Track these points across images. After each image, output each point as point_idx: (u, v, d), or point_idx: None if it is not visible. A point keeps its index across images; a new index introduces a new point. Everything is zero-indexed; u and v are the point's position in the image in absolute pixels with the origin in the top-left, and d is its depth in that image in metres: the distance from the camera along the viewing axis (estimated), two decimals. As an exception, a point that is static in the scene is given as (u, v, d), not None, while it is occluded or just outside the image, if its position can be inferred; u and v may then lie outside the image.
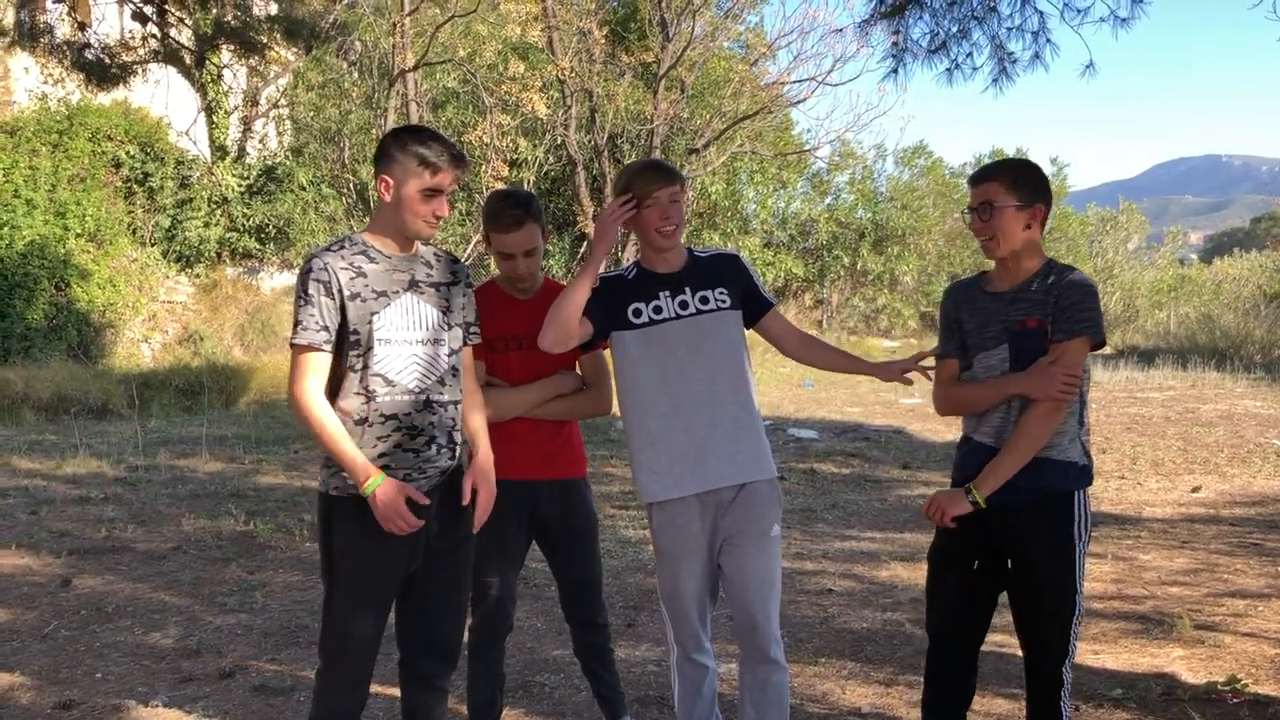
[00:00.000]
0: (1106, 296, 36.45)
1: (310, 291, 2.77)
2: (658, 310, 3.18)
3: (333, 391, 2.83)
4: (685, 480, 3.14)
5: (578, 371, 3.45)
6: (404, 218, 2.85)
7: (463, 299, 3.02)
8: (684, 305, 3.18)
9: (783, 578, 3.25)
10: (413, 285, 2.89)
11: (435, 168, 2.81)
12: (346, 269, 2.80)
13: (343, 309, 2.79)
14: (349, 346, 2.82)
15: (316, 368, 2.79)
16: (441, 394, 2.90)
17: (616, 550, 6.52)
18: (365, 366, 2.81)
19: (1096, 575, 5.96)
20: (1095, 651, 4.64)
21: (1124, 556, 6.40)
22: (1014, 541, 3.05)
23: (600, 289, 3.20)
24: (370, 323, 2.80)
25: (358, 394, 2.82)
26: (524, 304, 3.39)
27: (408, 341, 2.85)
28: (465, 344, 3.02)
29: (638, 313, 3.18)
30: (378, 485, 2.73)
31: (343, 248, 2.86)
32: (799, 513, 7.69)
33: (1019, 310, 3.01)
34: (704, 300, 3.18)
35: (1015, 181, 3.03)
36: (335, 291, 2.78)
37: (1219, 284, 34.07)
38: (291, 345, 2.80)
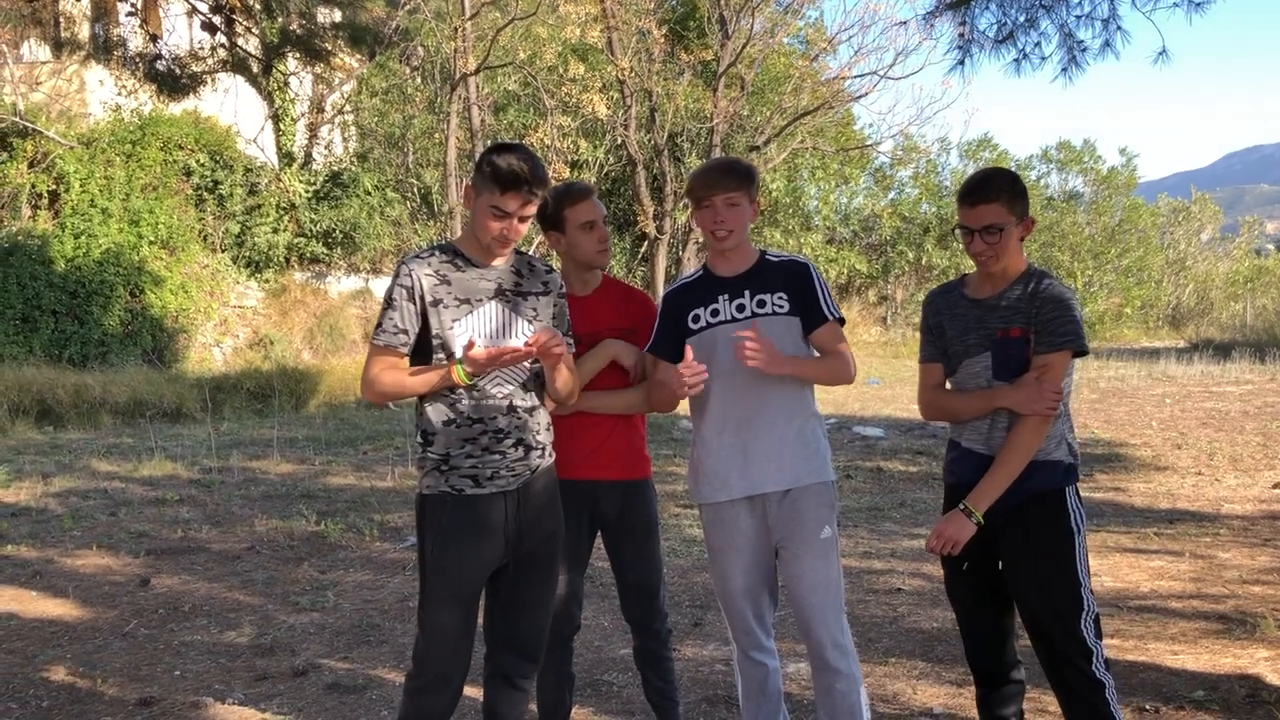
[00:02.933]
0: (1180, 289, 35.66)
1: (394, 296, 2.89)
2: (715, 314, 3.18)
3: (422, 397, 2.93)
4: (732, 483, 3.17)
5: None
6: (477, 228, 2.91)
7: (553, 309, 3.05)
8: (741, 309, 3.16)
9: (850, 577, 3.23)
10: (499, 293, 2.94)
11: (504, 185, 2.81)
12: (431, 276, 2.89)
13: (424, 314, 2.88)
14: (434, 351, 2.90)
15: (389, 364, 2.91)
16: (525, 399, 2.96)
17: (682, 549, 6.51)
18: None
19: (1174, 574, 5.82)
20: (1175, 652, 4.53)
21: (1203, 554, 6.23)
22: (1011, 545, 3.04)
23: (664, 310, 3.27)
24: (452, 329, 2.88)
25: (443, 397, 2.90)
26: (583, 300, 3.39)
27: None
28: None
29: (696, 319, 3.20)
30: (461, 366, 2.82)
31: (433, 254, 2.95)
32: (865, 511, 7.61)
33: (1000, 318, 3.04)
34: (761, 304, 3.15)
35: (1013, 199, 3.03)
36: (417, 298, 2.88)
37: (1298, 274, 33.11)
38: (371, 344, 2.92)
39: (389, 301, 2.90)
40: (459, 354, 2.85)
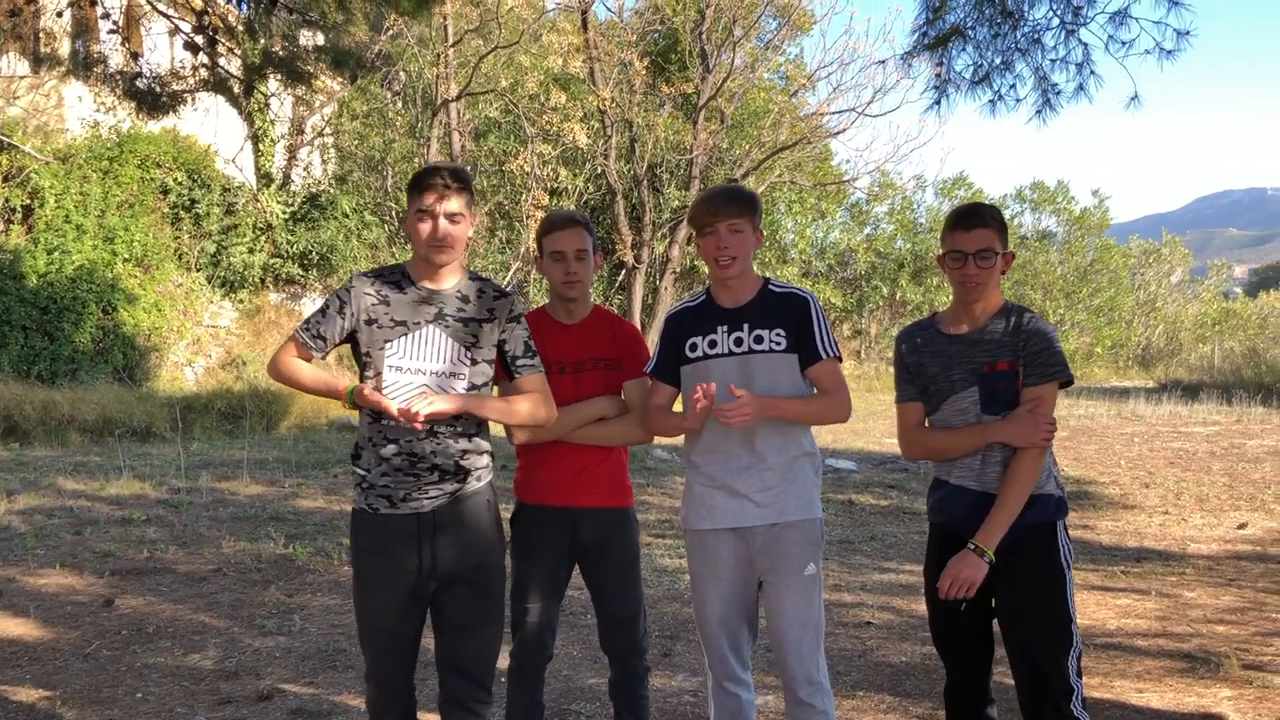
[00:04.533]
0: (1150, 330, 36.06)
1: (329, 304, 3.02)
2: (712, 345, 3.18)
3: (361, 412, 3.02)
4: (717, 514, 3.17)
5: (622, 397, 3.45)
6: (414, 242, 2.99)
7: (500, 334, 3.05)
8: (739, 342, 3.14)
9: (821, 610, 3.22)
10: (439, 318, 2.98)
11: (419, 185, 2.92)
12: (371, 295, 2.98)
13: (355, 330, 2.98)
14: (363, 367, 3.00)
15: (297, 354, 3.03)
16: (453, 424, 2.99)
17: (653, 579, 6.50)
18: (375, 389, 2.94)
19: (1140, 612, 5.86)
20: (1140, 690, 4.56)
21: (1168, 593, 6.29)
22: (1005, 579, 3.04)
23: (665, 334, 3.28)
24: (382, 349, 2.95)
25: (368, 414, 2.99)
26: (570, 329, 3.41)
27: (420, 371, 2.95)
28: (514, 377, 3.08)
29: (693, 347, 3.21)
30: (353, 388, 2.91)
31: (381, 275, 3.03)
32: (837, 544, 7.63)
33: (984, 352, 3.05)
34: (758, 340, 3.13)
35: (1001, 228, 3.08)
36: (349, 314, 2.98)
37: (1265, 318, 33.63)
38: (295, 331, 3.06)
39: (324, 305, 3.02)
40: (384, 378, 2.94)
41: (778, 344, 3.12)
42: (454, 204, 2.91)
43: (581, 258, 3.35)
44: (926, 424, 3.22)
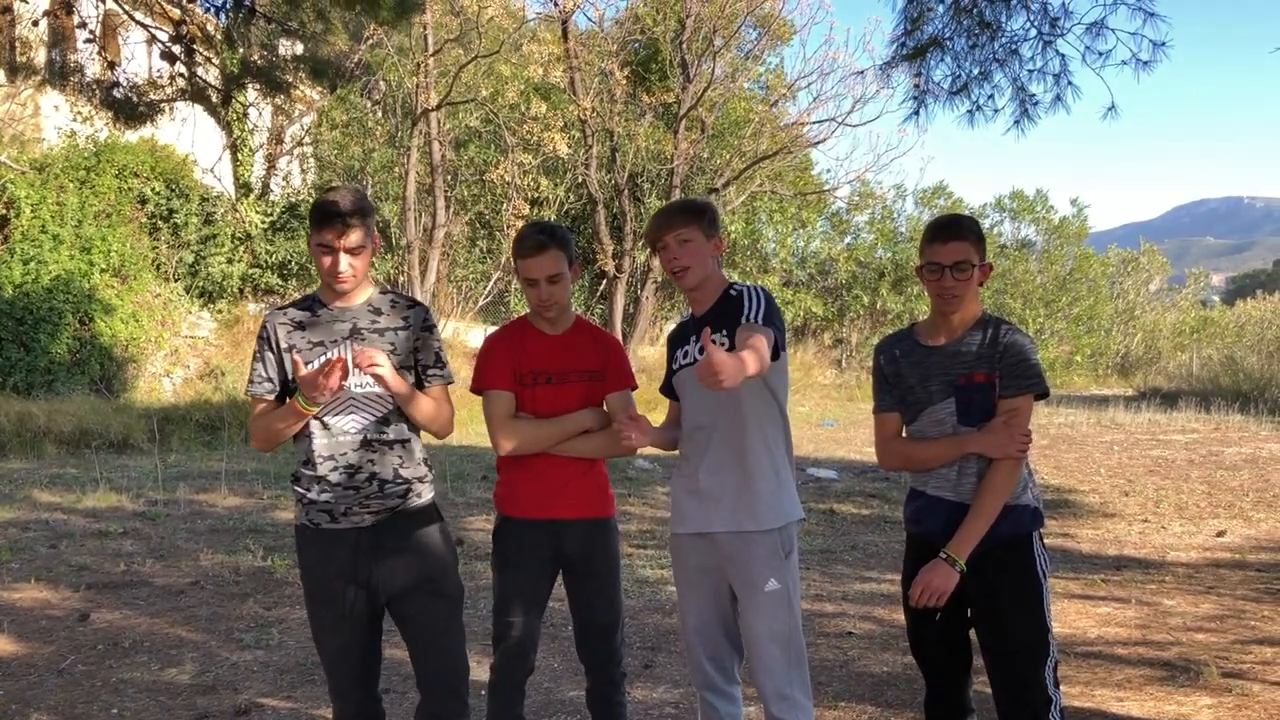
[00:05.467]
0: (1128, 338, 36.30)
1: (257, 349, 3.12)
2: (685, 354, 3.24)
3: (295, 436, 3.11)
4: (686, 518, 3.21)
5: (604, 409, 3.44)
6: (318, 270, 3.05)
7: (415, 342, 3.13)
8: (702, 351, 3.13)
9: (802, 620, 3.21)
10: (354, 333, 3.06)
11: (319, 221, 2.96)
12: (286, 324, 3.06)
13: (280, 361, 3.05)
14: (291, 395, 3.04)
15: (261, 412, 3.11)
16: (384, 433, 3.06)
17: (634, 590, 6.48)
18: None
19: (1120, 620, 5.88)
20: (1120, 699, 4.57)
21: (1148, 601, 6.31)
22: (981, 589, 3.05)
23: (668, 349, 3.38)
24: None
25: (304, 437, 3.06)
26: (552, 339, 3.40)
27: (344, 386, 2.99)
28: (424, 386, 3.14)
29: (675, 360, 3.29)
30: (299, 394, 2.95)
31: (294, 305, 3.12)
32: (818, 554, 7.63)
33: (961, 364, 3.06)
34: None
35: (978, 240, 3.09)
36: (273, 346, 3.07)
37: (1242, 326, 33.89)
38: (247, 393, 3.16)
39: (255, 355, 3.11)
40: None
41: (723, 345, 3.07)
42: (354, 238, 2.97)
43: (555, 281, 3.28)
44: (904, 434, 3.22)
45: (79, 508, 8.95)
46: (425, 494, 3.16)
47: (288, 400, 3.03)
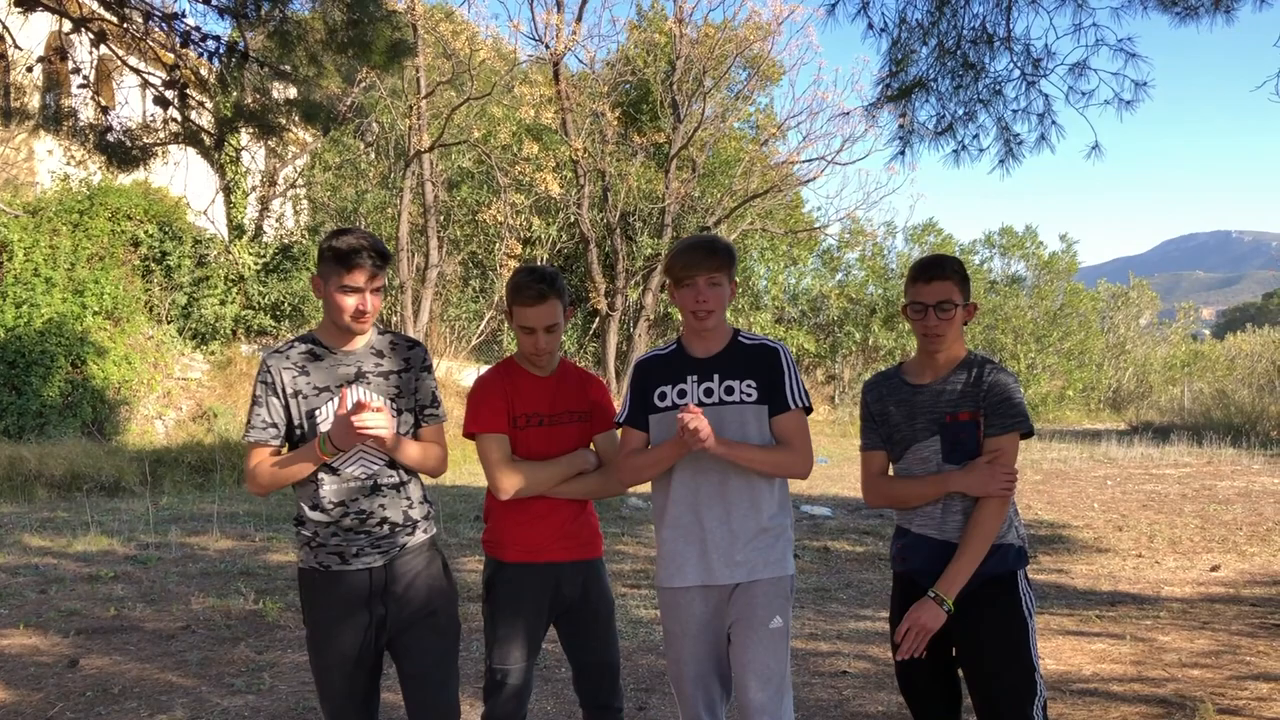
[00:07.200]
0: (1120, 372, 36.40)
1: (259, 394, 3.05)
2: (681, 394, 3.15)
3: (296, 483, 3.09)
4: (688, 571, 3.15)
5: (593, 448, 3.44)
6: (333, 313, 3.02)
7: (415, 383, 3.14)
8: (709, 393, 3.13)
9: (796, 659, 3.22)
10: (359, 377, 3.06)
11: (348, 263, 2.95)
12: (290, 368, 3.03)
13: (286, 407, 3.02)
14: (298, 440, 3.04)
15: (263, 458, 3.07)
16: (391, 476, 3.08)
17: (628, 631, 6.44)
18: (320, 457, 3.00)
19: (1115, 657, 5.86)
20: (1116, 736, 4.55)
21: (1143, 637, 6.29)
22: (966, 628, 3.05)
23: (633, 381, 3.26)
24: (314, 417, 3.03)
25: (309, 483, 3.05)
26: (544, 381, 3.40)
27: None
28: (420, 425, 3.16)
29: (662, 396, 3.18)
30: (323, 438, 2.93)
31: (292, 348, 3.08)
32: (812, 592, 7.60)
33: (946, 403, 3.09)
34: (729, 391, 3.12)
35: (962, 280, 3.12)
36: (279, 392, 3.01)
37: (1232, 359, 34.03)
38: (244, 440, 3.06)
39: (255, 399, 3.06)
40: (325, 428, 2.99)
41: (749, 395, 3.11)
42: (380, 279, 3.00)
43: (552, 330, 3.31)
44: (890, 472, 3.24)
45: (69, 552, 8.89)
46: (429, 529, 3.20)
47: (303, 445, 3.02)
